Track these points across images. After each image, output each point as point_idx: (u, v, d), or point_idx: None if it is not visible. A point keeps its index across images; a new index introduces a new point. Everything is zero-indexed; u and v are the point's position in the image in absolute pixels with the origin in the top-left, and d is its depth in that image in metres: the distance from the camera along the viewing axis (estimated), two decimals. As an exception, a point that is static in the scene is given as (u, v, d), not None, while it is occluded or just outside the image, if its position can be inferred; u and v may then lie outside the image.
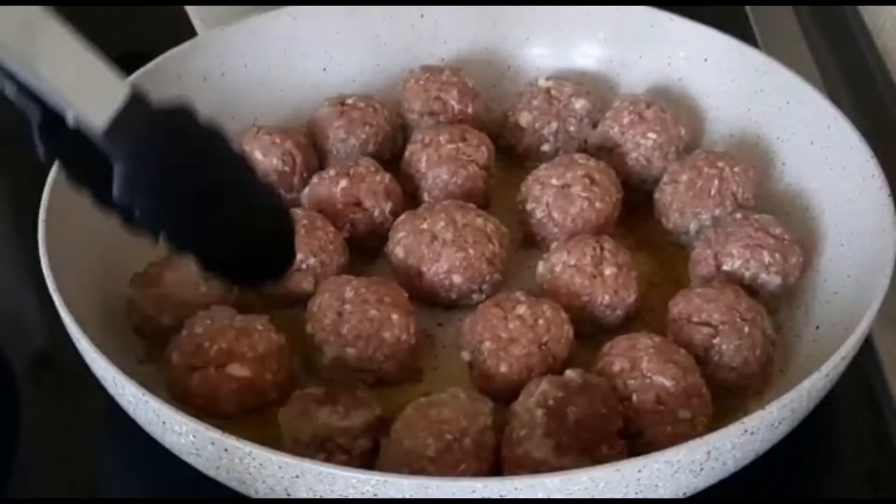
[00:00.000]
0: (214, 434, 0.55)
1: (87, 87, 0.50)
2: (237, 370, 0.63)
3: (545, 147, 0.81)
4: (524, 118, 0.81)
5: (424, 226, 0.70)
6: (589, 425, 0.59)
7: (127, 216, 0.52)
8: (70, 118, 0.50)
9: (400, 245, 0.71)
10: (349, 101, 0.80)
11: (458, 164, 0.75)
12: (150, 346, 0.67)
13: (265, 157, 0.76)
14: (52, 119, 0.50)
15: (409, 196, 0.77)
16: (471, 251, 0.69)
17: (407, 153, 0.77)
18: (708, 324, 0.65)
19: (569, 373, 0.62)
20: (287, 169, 0.76)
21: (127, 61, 0.78)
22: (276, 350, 0.64)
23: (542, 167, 0.75)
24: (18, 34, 0.48)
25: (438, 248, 0.69)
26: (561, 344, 0.65)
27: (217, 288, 0.67)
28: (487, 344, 0.65)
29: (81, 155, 0.52)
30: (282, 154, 0.76)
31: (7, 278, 0.79)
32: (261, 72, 0.84)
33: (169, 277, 0.67)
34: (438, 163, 0.75)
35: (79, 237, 0.69)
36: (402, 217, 0.72)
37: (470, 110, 0.81)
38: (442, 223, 0.70)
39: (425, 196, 0.76)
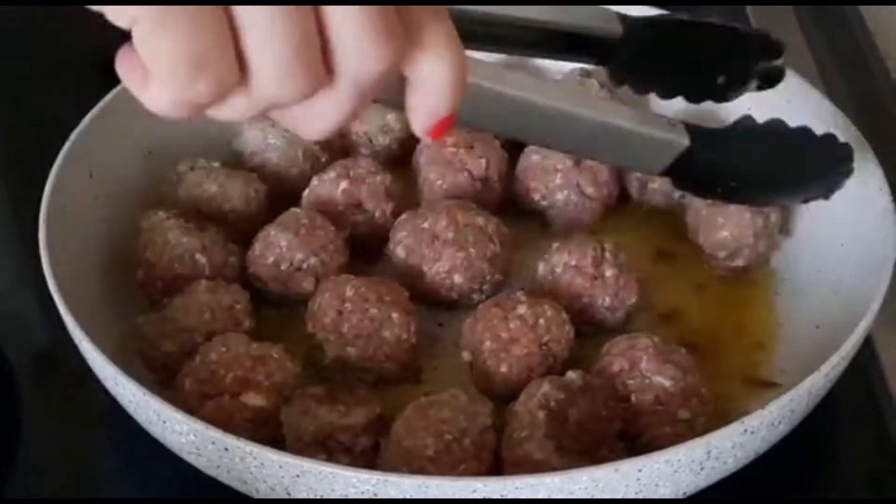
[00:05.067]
0: (215, 433, 0.55)
1: (639, 157, 0.58)
2: (252, 399, 0.61)
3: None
4: None
5: (425, 225, 0.70)
6: (590, 427, 0.59)
7: None
8: None
9: (401, 245, 0.71)
10: None
11: (449, 168, 0.75)
12: (158, 376, 0.65)
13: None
14: None
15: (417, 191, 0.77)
16: (472, 251, 0.69)
17: (418, 147, 0.78)
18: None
19: (570, 374, 0.62)
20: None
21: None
22: (293, 379, 0.63)
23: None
24: None
25: (439, 247, 0.69)
26: (561, 344, 0.65)
27: (224, 318, 0.66)
28: (488, 344, 0.65)
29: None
30: None
31: (7, 278, 0.79)
32: (261, 72, 0.84)
33: (177, 302, 0.66)
34: (431, 163, 0.76)
35: (79, 237, 0.69)
36: (404, 216, 0.72)
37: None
38: (443, 223, 0.70)
39: (421, 191, 0.76)
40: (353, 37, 0.38)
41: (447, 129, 0.43)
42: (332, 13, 0.38)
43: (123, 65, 0.39)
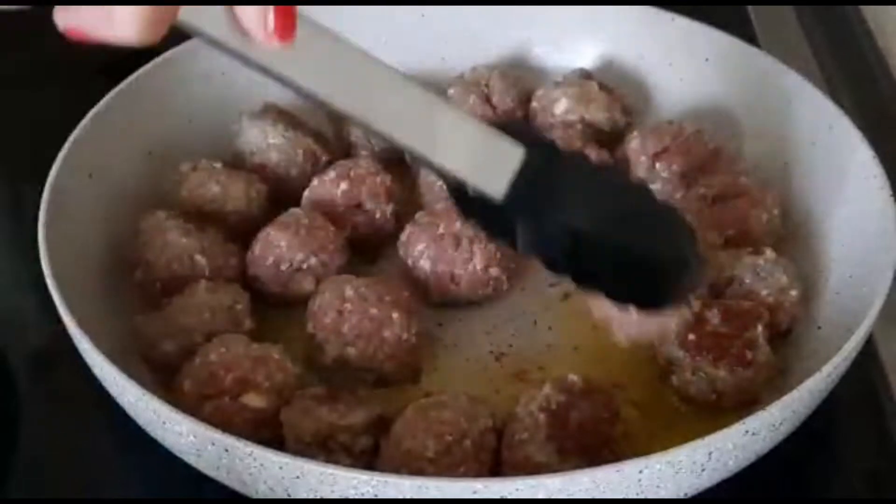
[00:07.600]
0: (215, 434, 0.55)
1: (481, 164, 0.52)
2: (252, 400, 0.61)
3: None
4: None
5: (441, 230, 0.69)
6: (591, 430, 0.59)
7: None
8: (470, 191, 0.53)
9: (424, 257, 0.70)
10: None
11: None
12: (158, 376, 0.65)
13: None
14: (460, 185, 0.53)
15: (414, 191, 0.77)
16: (491, 245, 0.69)
17: None
18: None
19: (571, 377, 0.61)
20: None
21: (127, 61, 0.79)
22: (293, 380, 0.63)
23: None
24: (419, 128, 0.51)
25: (468, 246, 0.69)
26: None
27: (224, 318, 0.66)
28: None
29: (493, 214, 0.53)
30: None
31: (7, 278, 0.79)
32: (262, 72, 0.83)
33: (177, 302, 0.66)
34: None
35: (79, 237, 0.69)
36: (410, 230, 0.71)
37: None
38: (458, 222, 0.69)
39: (421, 192, 0.76)
40: None
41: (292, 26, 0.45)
42: None
43: None
